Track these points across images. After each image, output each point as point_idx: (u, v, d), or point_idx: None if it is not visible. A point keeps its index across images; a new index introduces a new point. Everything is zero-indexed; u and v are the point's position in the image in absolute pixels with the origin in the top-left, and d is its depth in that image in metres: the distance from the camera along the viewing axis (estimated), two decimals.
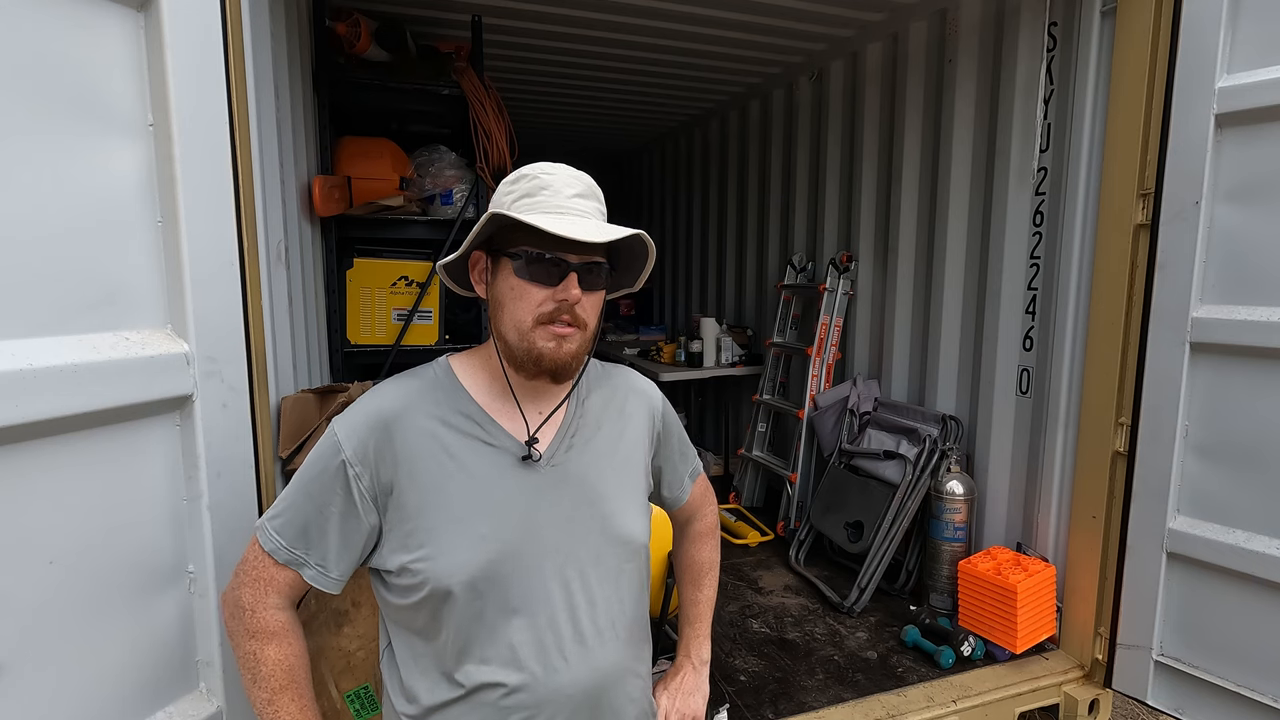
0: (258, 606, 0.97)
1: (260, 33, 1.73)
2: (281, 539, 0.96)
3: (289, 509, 0.97)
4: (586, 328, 0.98)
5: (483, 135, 2.77)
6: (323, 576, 0.97)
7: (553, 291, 0.94)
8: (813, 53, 3.68)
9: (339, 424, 0.98)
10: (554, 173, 0.97)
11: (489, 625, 0.96)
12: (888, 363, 3.32)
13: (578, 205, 0.96)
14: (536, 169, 0.98)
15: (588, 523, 1.02)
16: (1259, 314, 1.77)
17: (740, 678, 2.33)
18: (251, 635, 0.97)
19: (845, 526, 3.01)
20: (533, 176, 0.97)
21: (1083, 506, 2.24)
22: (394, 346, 2.76)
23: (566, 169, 0.98)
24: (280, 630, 0.98)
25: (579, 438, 1.05)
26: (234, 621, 0.99)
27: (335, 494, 0.95)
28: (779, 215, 4.21)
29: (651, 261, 1.04)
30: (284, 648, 0.98)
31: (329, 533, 0.96)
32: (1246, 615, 1.84)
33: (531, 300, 0.94)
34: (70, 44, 1.01)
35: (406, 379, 1.04)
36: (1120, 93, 2.06)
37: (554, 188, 0.95)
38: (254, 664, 0.97)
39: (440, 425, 0.99)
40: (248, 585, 0.98)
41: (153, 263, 1.13)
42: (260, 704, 0.97)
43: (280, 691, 0.97)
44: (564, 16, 3.14)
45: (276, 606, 0.98)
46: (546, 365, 0.96)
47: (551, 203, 0.94)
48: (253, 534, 1.00)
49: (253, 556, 0.99)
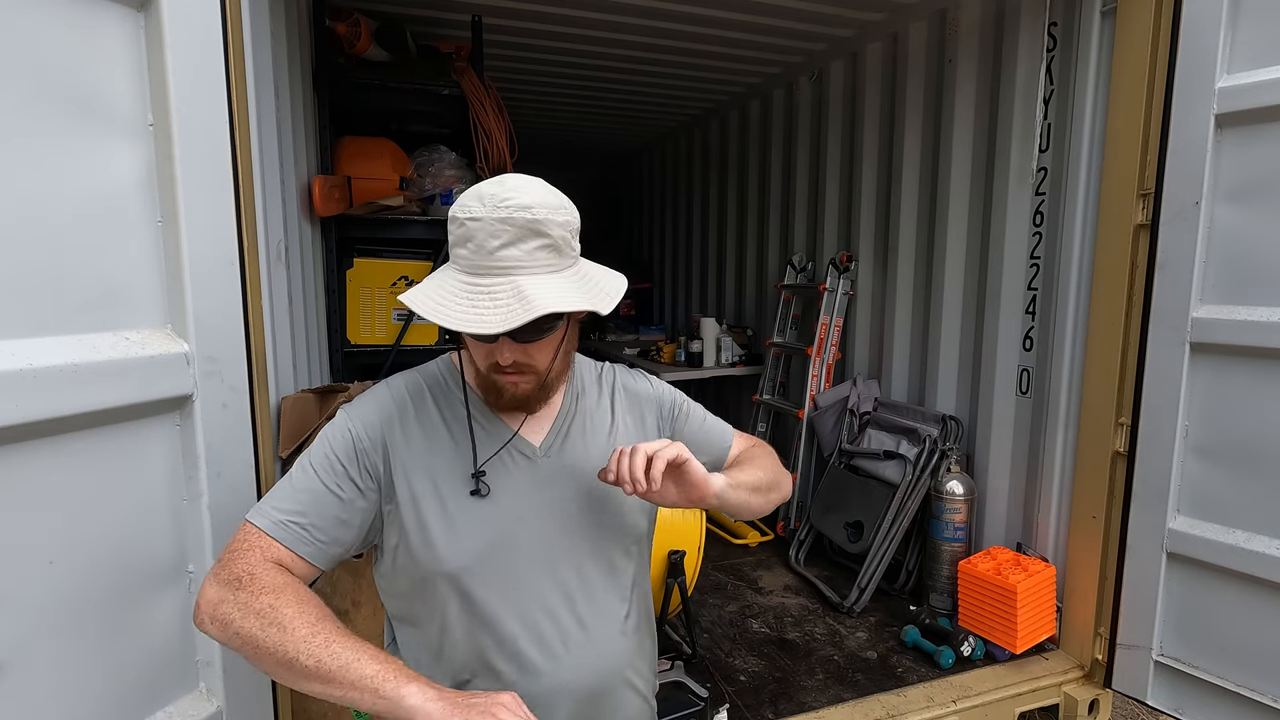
0: (258, 571, 0.87)
1: (260, 33, 1.72)
2: (280, 514, 0.92)
3: (290, 489, 0.95)
4: (536, 370, 0.96)
5: (483, 135, 2.77)
6: (321, 552, 0.93)
7: (490, 348, 0.94)
8: (813, 53, 3.68)
9: (348, 409, 1.00)
10: (479, 218, 0.86)
11: (488, 615, 0.97)
12: (888, 363, 3.32)
13: (503, 259, 0.86)
14: (466, 207, 0.88)
15: (586, 514, 1.04)
16: (1259, 314, 1.77)
17: (740, 678, 2.33)
18: (261, 593, 0.84)
19: (845, 526, 3.01)
20: (459, 221, 0.88)
21: (1083, 506, 2.24)
22: (394, 346, 2.76)
23: (495, 208, 0.86)
24: (294, 581, 0.88)
25: (575, 430, 1.07)
26: (232, 594, 0.85)
27: (342, 471, 0.95)
28: (779, 215, 4.21)
29: (609, 298, 0.94)
30: (303, 589, 0.88)
31: (327, 506, 0.94)
32: (1246, 615, 1.84)
33: (480, 352, 0.96)
34: (70, 44, 1.01)
35: (411, 374, 1.06)
36: (1120, 93, 2.06)
37: (477, 240, 0.86)
38: (273, 614, 0.82)
39: (443, 417, 1.01)
40: (241, 559, 0.88)
41: (153, 262, 1.13)
42: (297, 645, 0.80)
43: (321, 620, 0.83)
44: (564, 16, 3.14)
45: (280, 572, 0.89)
46: (507, 402, 0.99)
47: (474, 261, 0.87)
48: (242, 521, 0.93)
49: (243, 536, 0.91)
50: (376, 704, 0.77)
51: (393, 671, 0.78)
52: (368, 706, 0.78)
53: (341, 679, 0.78)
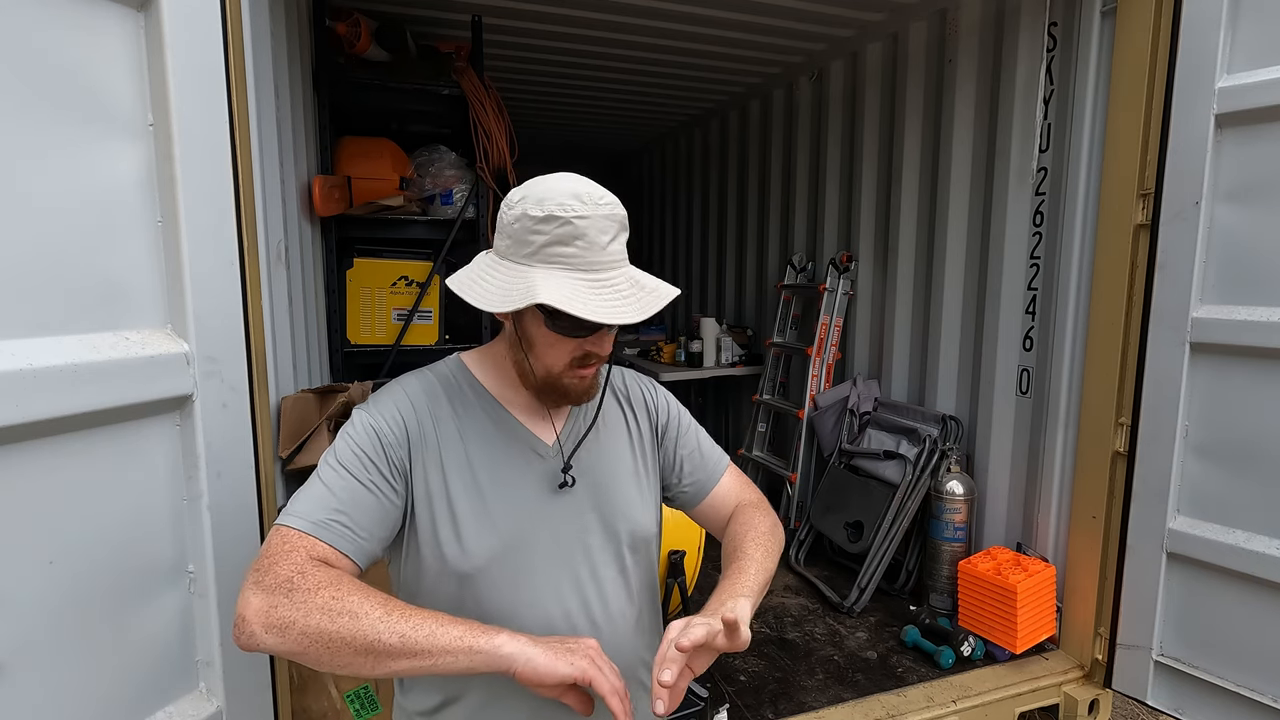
0: (307, 570, 0.83)
1: (260, 33, 1.73)
2: (320, 514, 0.88)
3: (322, 490, 0.91)
4: (604, 360, 1.01)
5: (483, 135, 2.77)
6: (362, 550, 0.90)
7: (583, 342, 0.95)
8: (813, 53, 3.68)
9: (367, 408, 0.99)
10: (588, 215, 0.88)
11: (503, 616, 0.97)
12: (888, 363, 3.32)
13: (614, 254, 0.91)
14: (568, 208, 0.87)
15: (601, 512, 1.05)
16: (1259, 314, 1.77)
17: (740, 678, 2.33)
18: (318, 589, 0.80)
19: (845, 526, 3.01)
20: (564, 220, 0.87)
21: (1083, 506, 2.24)
22: (394, 346, 2.76)
23: (597, 206, 0.89)
24: (344, 573, 0.85)
25: (590, 432, 1.07)
26: (285, 598, 0.80)
27: (374, 468, 0.93)
28: (779, 215, 4.21)
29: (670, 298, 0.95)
30: (355, 579, 0.85)
31: (364, 503, 0.91)
32: (1246, 615, 1.84)
33: (564, 349, 0.96)
34: (70, 44, 1.01)
35: (425, 373, 1.06)
36: (1120, 93, 2.06)
37: (588, 237, 0.88)
38: (339, 604, 0.79)
39: (460, 418, 1.01)
40: (284, 561, 0.83)
41: (153, 262, 1.13)
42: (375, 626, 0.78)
43: (389, 600, 0.82)
44: (564, 16, 3.14)
45: (328, 568, 0.85)
46: (572, 399, 1.01)
47: (587, 258, 0.88)
48: (273, 528, 0.89)
49: (280, 541, 0.86)
50: (474, 660, 0.79)
51: (478, 628, 0.81)
52: (464, 666, 0.80)
53: (431, 647, 0.79)
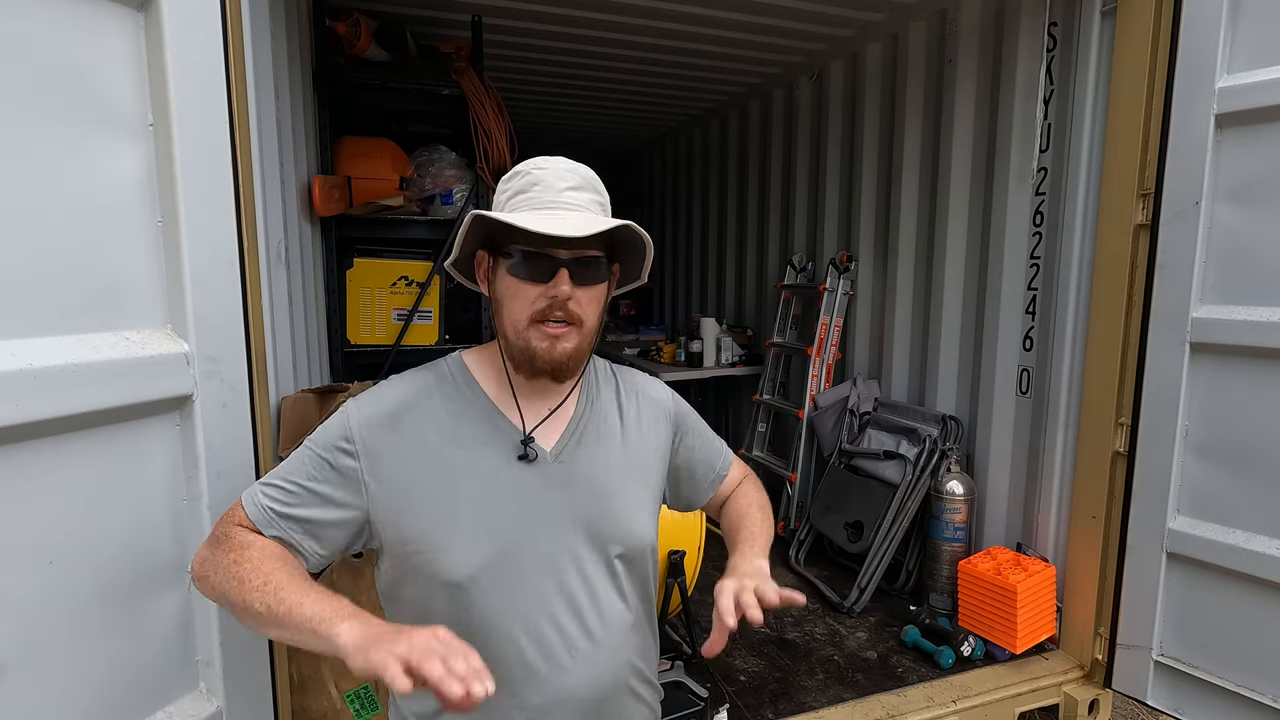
0: (233, 532, 0.93)
1: (260, 33, 1.73)
2: (265, 498, 0.94)
3: (279, 476, 0.96)
4: (583, 324, 0.96)
5: (483, 135, 2.77)
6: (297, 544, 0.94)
7: (544, 288, 0.93)
8: (813, 53, 3.68)
9: (352, 405, 0.98)
10: (547, 166, 0.96)
11: (494, 622, 0.95)
12: (888, 363, 3.32)
13: (570, 199, 0.94)
14: (531, 164, 0.97)
15: (594, 520, 1.02)
16: (1259, 314, 1.77)
17: (740, 678, 2.33)
18: (230, 549, 0.89)
19: (845, 526, 3.01)
20: (525, 173, 0.96)
21: (1083, 506, 2.24)
22: (394, 346, 2.76)
23: (563, 162, 0.97)
24: (266, 542, 0.92)
25: (589, 435, 1.05)
26: (210, 553, 0.92)
27: (331, 473, 0.94)
28: (779, 215, 4.21)
29: (650, 252, 1.01)
30: (270, 549, 0.91)
31: (314, 507, 0.94)
32: (1246, 615, 1.84)
33: (525, 298, 0.94)
34: (70, 44, 1.01)
35: (422, 372, 1.05)
36: (1120, 93, 2.06)
37: (545, 182, 0.94)
38: (235, 569, 0.87)
39: (451, 418, 0.99)
40: (223, 523, 0.95)
41: (153, 262, 1.13)
42: (250, 594, 0.83)
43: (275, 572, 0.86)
44: (564, 16, 3.14)
45: (252, 534, 0.93)
46: (541, 365, 0.96)
47: (542, 198, 0.93)
48: (238, 498, 0.96)
49: (234, 508, 0.96)
50: (322, 645, 0.78)
51: (331, 611, 0.79)
52: (315, 648, 0.79)
53: (288, 622, 0.80)
